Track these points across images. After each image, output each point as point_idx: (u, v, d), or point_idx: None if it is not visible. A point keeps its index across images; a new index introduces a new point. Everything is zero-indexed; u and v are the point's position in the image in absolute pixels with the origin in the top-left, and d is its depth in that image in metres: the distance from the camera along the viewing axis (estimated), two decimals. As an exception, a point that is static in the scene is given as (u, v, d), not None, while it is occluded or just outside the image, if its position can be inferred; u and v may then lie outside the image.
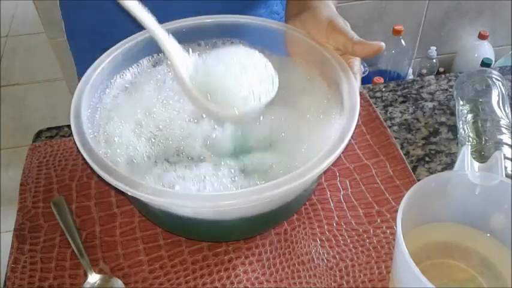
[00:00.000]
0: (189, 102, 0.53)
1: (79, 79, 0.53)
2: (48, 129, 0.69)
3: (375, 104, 0.70)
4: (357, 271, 0.51)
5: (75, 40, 0.80)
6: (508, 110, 0.63)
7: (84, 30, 0.76)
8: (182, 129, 0.52)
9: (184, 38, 0.59)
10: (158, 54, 0.59)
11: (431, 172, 0.61)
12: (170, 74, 0.57)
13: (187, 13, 0.60)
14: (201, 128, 0.52)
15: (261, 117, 0.53)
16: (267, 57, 0.53)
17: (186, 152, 0.50)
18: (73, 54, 0.82)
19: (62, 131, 0.69)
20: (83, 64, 0.58)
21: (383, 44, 0.51)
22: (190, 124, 0.52)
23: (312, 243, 0.53)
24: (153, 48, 0.59)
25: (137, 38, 0.57)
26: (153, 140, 0.51)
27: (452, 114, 0.68)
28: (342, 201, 0.57)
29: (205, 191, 0.46)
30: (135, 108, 0.53)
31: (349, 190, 0.58)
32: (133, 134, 0.51)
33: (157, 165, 0.49)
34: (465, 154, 0.45)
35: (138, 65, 0.58)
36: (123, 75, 0.57)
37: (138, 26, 0.58)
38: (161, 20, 0.57)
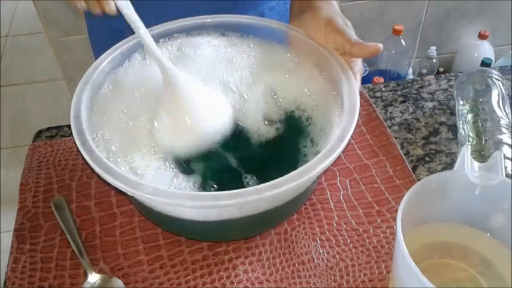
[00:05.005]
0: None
1: None
2: (48, 129, 0.69)
3: (375, 103, 0.70)
4: (357, 271, 0.51)
5: (95, 37, 0.82)
6: (508, 110, 0.63)
7: (104, 28, 0.76)
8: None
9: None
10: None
11: (431, 172, 0.61)
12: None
13: (178, 11, 0.60)
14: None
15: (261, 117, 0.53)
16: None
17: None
18: (93, 51, 0.84)
19: (62, 131, 0.69)
20: None
21: (381, 45, 0.51)
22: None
23: (312, 243, 0.53)
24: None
25: (137, 37, 0.57)
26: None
27: (452, 114, 0.68)
28: (342, 201, 0.57)
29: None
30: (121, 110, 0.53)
31: (349, 190, 0.58)
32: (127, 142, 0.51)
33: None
34: (465, 154, 0.45)
35: (129, 60, 0.58)
36: (116, 72, 0.57)
37: (153, 25, 0.58)
38: (151, 18, 0.57)
